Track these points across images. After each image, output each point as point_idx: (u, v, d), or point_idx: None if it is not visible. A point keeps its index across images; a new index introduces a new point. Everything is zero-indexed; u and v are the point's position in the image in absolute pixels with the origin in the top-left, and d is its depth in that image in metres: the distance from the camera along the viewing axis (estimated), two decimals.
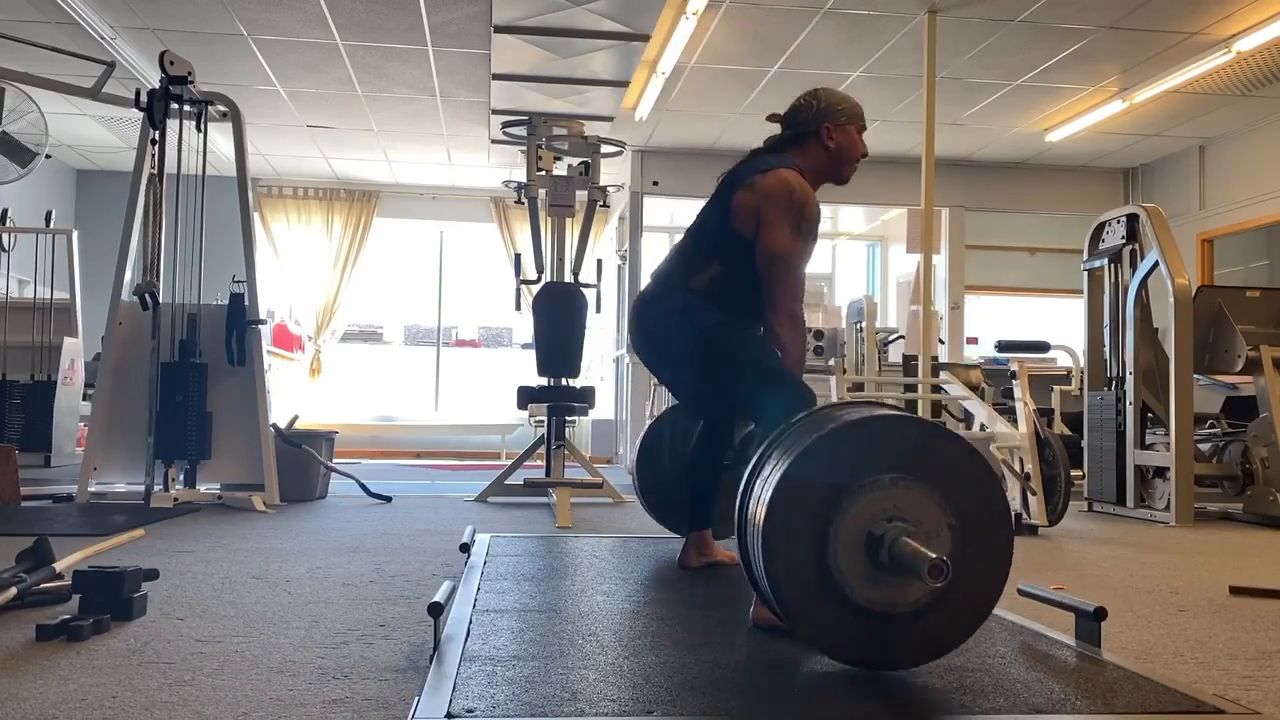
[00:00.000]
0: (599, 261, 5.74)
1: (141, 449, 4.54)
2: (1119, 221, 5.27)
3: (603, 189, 5.60)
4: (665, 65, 6.28)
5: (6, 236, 6.52)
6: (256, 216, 9.79)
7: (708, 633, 1.96)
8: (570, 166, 5.91)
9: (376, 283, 10.44)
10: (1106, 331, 5.39)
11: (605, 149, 5.69)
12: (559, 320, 5.22)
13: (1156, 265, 4.96)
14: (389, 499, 5.10)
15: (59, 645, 1.87)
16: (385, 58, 6.48)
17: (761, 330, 2.61)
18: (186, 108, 4.65)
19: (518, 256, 5.72)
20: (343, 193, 9.99)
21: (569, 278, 5.53)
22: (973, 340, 9.08)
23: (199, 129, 4.70)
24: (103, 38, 6.02)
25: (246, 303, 4.69)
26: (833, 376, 5.06)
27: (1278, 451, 4.77)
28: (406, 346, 10.61)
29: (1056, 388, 6.40)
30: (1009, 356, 4.92)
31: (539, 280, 5.54)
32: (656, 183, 8.62)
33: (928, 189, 5.85)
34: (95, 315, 7.30)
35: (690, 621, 2.07)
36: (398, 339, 10.63)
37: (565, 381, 5.28)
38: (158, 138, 4.57)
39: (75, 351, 6.29)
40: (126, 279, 4.72)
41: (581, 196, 5.56)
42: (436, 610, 1.74)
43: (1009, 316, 9.63)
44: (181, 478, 4.64)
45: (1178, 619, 2.38)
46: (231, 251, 6.22)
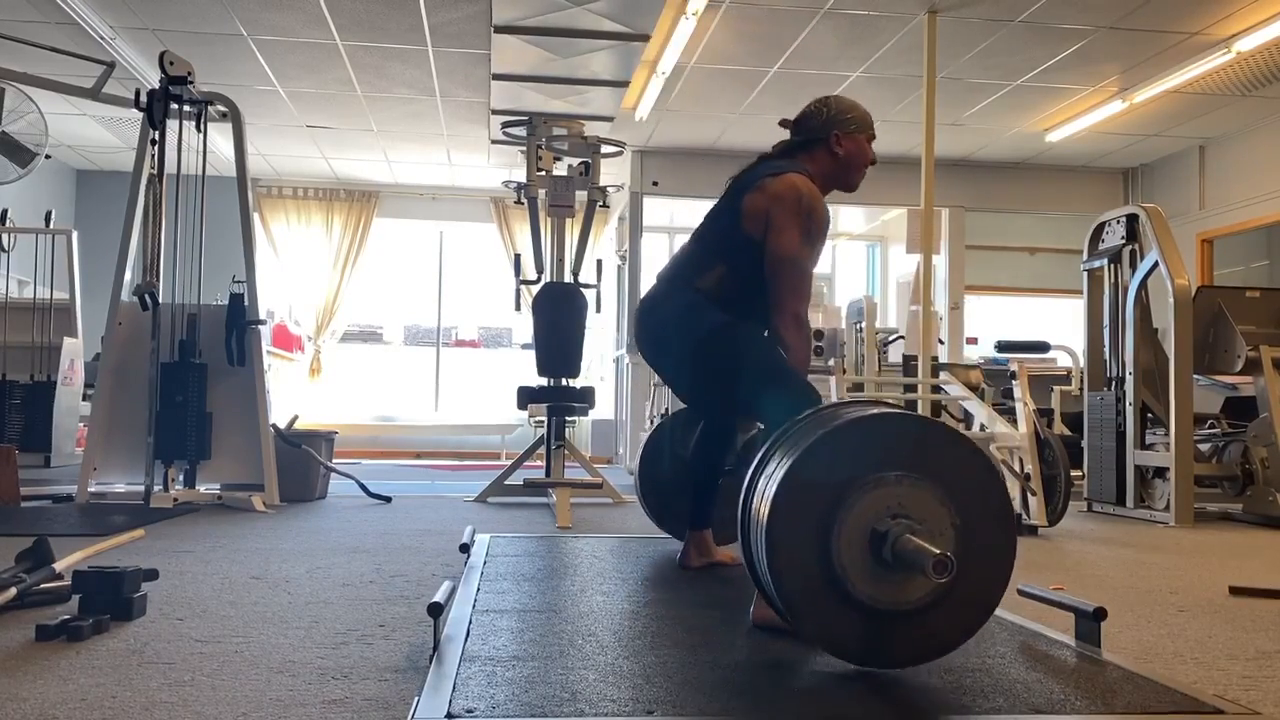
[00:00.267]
0: (599, 262, 5.74)
1: (141, 449, 4.54)
2: (1119, 222, 5.27)
3: (602, 189, 5.60)
4: (665, 65, 6.28)
5: (6, 237, 6.52)
6: (256, 216, 9.79)
7: (708, 633, 1.96)
8: (570, 167, 5.91)
9: (376, 283, 10.44)
10: (1106, 332, 5.39)
11: (605, 149, 5.69)
12: (559, 320, 5.22)
13: (1156, 265, 4.96)
14: (389, 499, 5.10)
15: (59, 645, 1.87)
16: (385, 58, 6.48)
17: (766, 332, 2.62)
18: (186, 108, 4.65)
19: (517, 256, 5.72)
20: (343, 193, 9.99)
21: (569, 278, 5.53)
22: (972, 340, 9.08)
23: (199, 129, 4.70)
24: (103, 38, 6.02)
25: (246, 303, 4.69)
26: (832, 377, 5.06)
27: (1278, 451, 4.77)
28: (406, 347, 10.61)
29: (1056, 388, 6.40)
30: (1009, 357, 4.92)
31: (539, 280, 5.54)
32: (656, 183, 8.61)
33: (928, 189, 5.85)
34: (95, 315, 7.30)
35: (690, 621, 2.07)
36: (398, 339, 10.63)
37: (565, 382, 5.28)
38: (158, 138, 4.57)
39: (75, 351, 6.29)
40: (126, 279, 4.72)
41: (581, 197, 5.56)
42: (436, 610, 1.74)
43: (1009, 316, 9.63)
44: (181, 478, 4.64)
45: (1178, 619, 2.38)
46: (231, 251, 6.21)
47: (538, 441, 5.60)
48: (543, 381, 5.27)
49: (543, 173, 5.61)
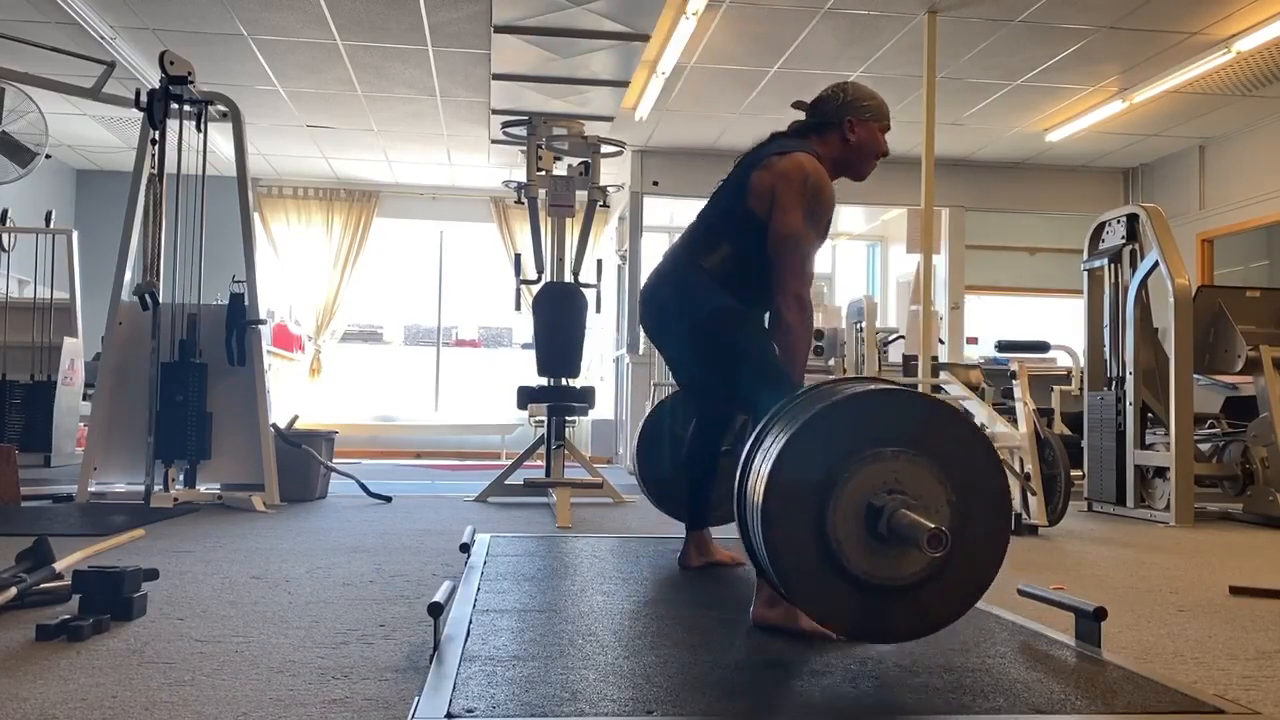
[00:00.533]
0: (599, 261, 5.74)
1: (141, 449, 4.54)
2: (1119, 221, 5.27)
3: (603, 189, 5.60)
4: (665, 65, 6.28)
5: (6, 236, 6.52)
6: (256, 216, 9.79)
7: (708, 633, 1.96)
8: (570, 166, 5.90)
9: (376, 283, 10.44)
10: (1106, 331, 5.39)
11: (605, 149, 5.69)
12: (559, 320, 5.22)
13: (1156, 265, 4.96)
14: (389, 499, 5.10)
15: (59, 645, 1.87)
16: (385, 58, 6.48)
17: (767, 316, 2.60)
18: (186, 108, 4.65)
19: (518, 256, 5.72)
20: (343, 193, 9.99)
21: (569, 278, 5.53)
22: (973, 340, 9.08)
23: (199, 129, 4.70)
24: (103, 38, 6.02)
25: (246, 303, 4.69)
26: (832, 377, 5.06)
27: (1278, 451, 4.77)
28: (406, 346, 10.61)
29: (1056, 388, 6.40)
30: (1009, 356, 4.92)
31: (539, 280, 5.54)
32: (656, 183, 8.61)
33: (928, 189, 5.85)
34: (95, 315, 7.29)
35: (690, 621, 2.07)
36: (398, 339, 10.63)
37: (565, 381, 5.28)
38: (158, 138, 4.57)
39: (75, 351, 6.29)
40: (126, 279, 4.72)
41: (581, 196, 5.56)
42: (436, 610, 1.74)
43: (1009, 316, 9.63)
44: (181, 478, 4.64)
45: (1178, 619, 2.38)
46: (231, 251, 6.21)
47: (538, 441, 5.60)
48: (543, 381, 5.27)
49: (543, 173, 5.61)
